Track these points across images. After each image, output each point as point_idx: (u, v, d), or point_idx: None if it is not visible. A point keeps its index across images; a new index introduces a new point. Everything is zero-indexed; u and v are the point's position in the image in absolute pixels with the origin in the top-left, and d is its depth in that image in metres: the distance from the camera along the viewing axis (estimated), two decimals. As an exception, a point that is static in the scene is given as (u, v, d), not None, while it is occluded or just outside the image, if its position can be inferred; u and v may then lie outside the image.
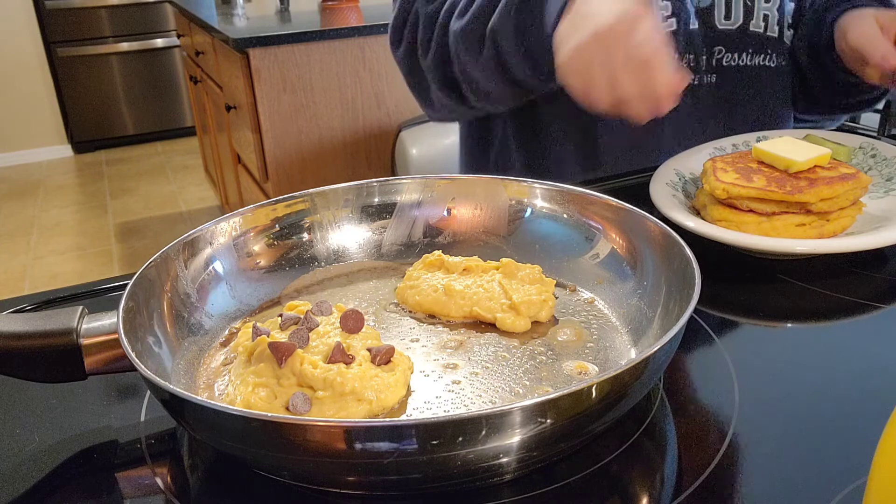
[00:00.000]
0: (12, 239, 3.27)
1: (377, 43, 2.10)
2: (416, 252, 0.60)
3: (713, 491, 0.38)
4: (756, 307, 0.56)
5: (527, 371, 0.46)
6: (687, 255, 0.46)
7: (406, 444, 0.33)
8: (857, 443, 0.41)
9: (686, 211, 0.64)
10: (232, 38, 1.98)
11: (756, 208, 0.61)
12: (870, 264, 0.61)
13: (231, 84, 2.26)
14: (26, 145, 4.26)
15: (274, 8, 2.68)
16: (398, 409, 0.43)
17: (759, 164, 0.65)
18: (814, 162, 0.63)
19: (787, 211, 0.61)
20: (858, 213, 0.63)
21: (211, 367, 0.48)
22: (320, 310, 0.47)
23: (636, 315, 0.50)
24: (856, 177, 0.62)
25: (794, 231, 0.61)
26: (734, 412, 0.43)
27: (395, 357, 0.44)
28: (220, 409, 0.35)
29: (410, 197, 0.61)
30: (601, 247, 0.55)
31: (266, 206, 0.58)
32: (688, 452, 0.41)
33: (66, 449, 0.43)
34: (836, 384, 0.46)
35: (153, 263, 0.48)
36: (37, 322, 0.43)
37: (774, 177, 0.62)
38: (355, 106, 2.15)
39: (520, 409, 0.33)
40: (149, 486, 0.40)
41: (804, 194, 0.60)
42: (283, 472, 0.38)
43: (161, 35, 4.23)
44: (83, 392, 0.48)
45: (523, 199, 0.60)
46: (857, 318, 0.54)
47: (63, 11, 4.04)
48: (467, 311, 0.51)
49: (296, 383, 0.42)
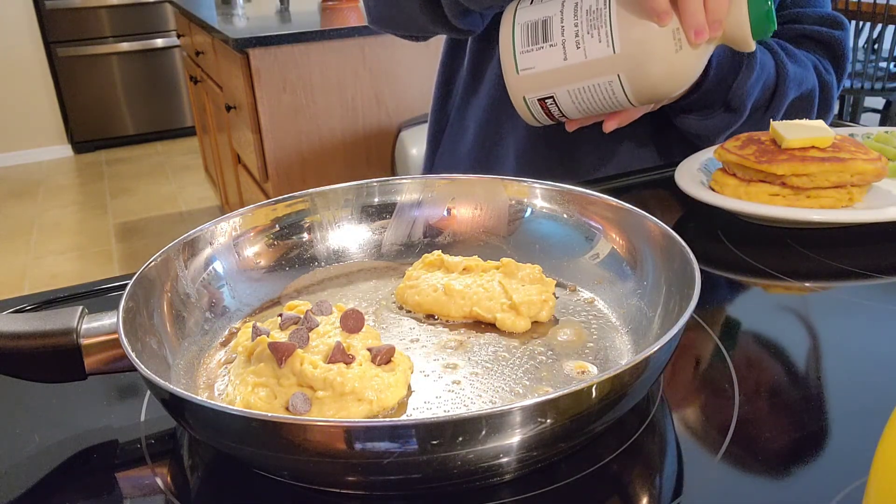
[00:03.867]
0: (12, 239, 3.27)
1: (377, 43, 2.10)
2: (416, 252, 0.60)
3: (713, 491, 0.38)
4: (756, 307, 0.56)
5: (527, 371, 0.46)
6: (687, 255, 0.46)
7: (406, 444, 0.33)
8: (857, 443, 0.41)
9: (699, 181, 0.71)
10: (232, 38, 1.98)
11: (738, 173, 0.67)
12: (872, 266, 0.61)
13: (231, 84, 2.27)
14: (26, 145, 4.26)
15: (274, 8, 2.68)
16: (398, 409, 0.43)
17: (769, 140, 0.68)
18: (810, 142, 0.65)
19: (764, 180, 0.66)
20: (849, 197, 0.64)
21: (211, 367, 0.48)
22: (320, 310, 0.47)
23: (636, 315, 0.50)
24: (842, 161, 0.63)
25: (767, 199, 0.65)
26: (734, 412, 0.43)
27: (396, 357, 0.44)
28: (220, 409, 0.35)
29: (410, 197, 0.61)
30: (601, 247, 0.55)
31: (266, 206, 0.58)
32: (688, 452, 0.41)
33: (66, 449, 0.43)
34: (836, 384, 0.46)
35: (153, 263, 0.48)
36: (37, 322, 0.43)
37: (765, 149, 0.66)
38: (355, 106, 2.15)
39: (520, 409, 0.33)
40: (149, 486, 0.40)
41: (772, 166, 0.64)
42: (283, 472, 0.38)
43: (161, 35, 4.23)
44: (83, 392, 0.48)
45: (523, 199, 0.60)
46: (858, 318, 0.54)
47: (63, 11, 4.04)
48: (467, 311, 0.51)
49: (296, 383, 0.42)
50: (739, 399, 0.45)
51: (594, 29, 0.61)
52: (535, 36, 0.64)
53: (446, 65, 0.97)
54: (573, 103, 0.65)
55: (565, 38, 0.62)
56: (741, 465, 0.39)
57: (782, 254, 0.63)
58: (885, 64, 2.92)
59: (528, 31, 0.64)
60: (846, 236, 0.65)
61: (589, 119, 0.69)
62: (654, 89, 0.63)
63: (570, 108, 0.66)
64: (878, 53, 2.87)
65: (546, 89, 0.65)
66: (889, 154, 0.71)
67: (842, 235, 0.65)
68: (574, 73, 0.63)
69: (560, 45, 0.63)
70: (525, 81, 0.65)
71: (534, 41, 0.64)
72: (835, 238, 0.65)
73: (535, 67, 0.64)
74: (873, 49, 2.87)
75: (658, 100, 0.67)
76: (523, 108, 0.67)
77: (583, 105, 0.65)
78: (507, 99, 0.67)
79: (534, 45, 0.64)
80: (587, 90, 0.63)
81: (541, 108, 0.66)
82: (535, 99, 0.66)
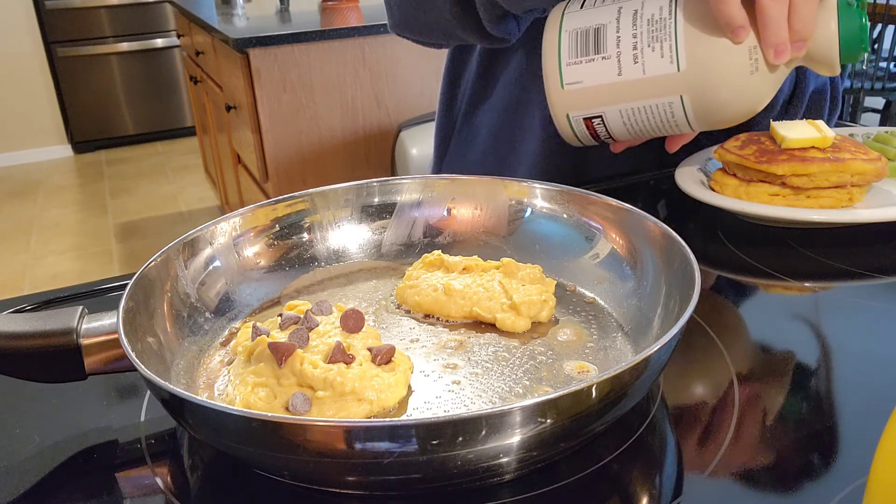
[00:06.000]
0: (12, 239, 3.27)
1: (377, 43, 2.11)
2: (416, 252, 0.60)
3: (713, 491, 0.38)
4: (756, 307, 0.56)
5: (527, 371, 0.46)
6: (687, 255, 0.46)
7: (406, 444, 0.33)
8: (858, 443, 0.41)
9: (699, 181, 0.70)
10: (232, 38, 1.99)
11: (738, 173, 0.67)
12: (872, 266, 0.61)
13: (231, 84, 2.27)
14: (26, 145, 4.26)
15: (274, 8, 2.68)
16: (398, 409, 0.43)
17: (769, 139, 0.68)
18: (810, 142, 0.65)
19: (764, 180, 0.65)
20: (849, 197, 0.64)
21: (211, 367, 0.48)
22: (320, 309, 0.47)
23: (636, 315, 0.50)
24: (842, 161, 0.63)
25: (767, 199, 0.65)
26: (734, 412, 0.43)
27: (396, 357, 0.44)
28: (220, 409, 0.35)
29: (410, 197, 0.61)
30: (601, 247, 0.55)
31: (266, 206, 0.58)
32: (688, 452, 0.41)
33: (66, 449, 0.43)
34: (836, 384, 0.46)
35: (153, 263, 0.48)
36: (37, 322, 0.43)
37: (765, 149, 0.66)
38: (355, 106, 2.15)
39: (520, 409, 0.33)
40: (149, 486, 0.40)
41: (772, 166, 0.64)
42: (283, 472, 0.38)
43: (161, 35, 4.23)
44: (83, 392, 0.48)
45: (523, 199, 0.60)
46: (858, 318, 0.54)
47: (63, 11, 4.04)
48: (467, 311, 0.51)
49: (296, 383, 0.42)
50: (739, 399, 0.45)
51: (656, 42, 0.55)
52: (585, 46, 0.57)
53: (451, 66, 0.92)
54: (624, 125, 0.59)
55: (621, 51, 0.56)
56: (741, 465, 0.39)
57: (782, 254, 0.63)
58: (885, 64, 2.92)
59: (577, 39, 0.57)
60: (846, 236, 0.65)
61: (638, 140, 0.64)
62: (720, 114, 0.57)
63: (620, 129, 0.59)
64: (878, 53, 2.87)
65: (594, 107, 0.58)
66: (889, 154, 0.71)
67: (842, 235, 0.65)
68: (629, 91, 0.57)
69: (615, 57, 0.56)
70: (571, 97, 0.58)
71: (583, 52, 0.57)
72: (835, 238, 0.65)
73: (583, 82, 0.58)
74: (873, 49, 2.87)
75: (721, 126, 0.61)
76: (565, 126, 0.60)
77: (635, 127, 0.59)
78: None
79: (583, 56, 0.57)
80: (642, 111, 0.57)
81: (586, 128, 0.60)
82: (581, 118, 0.59)
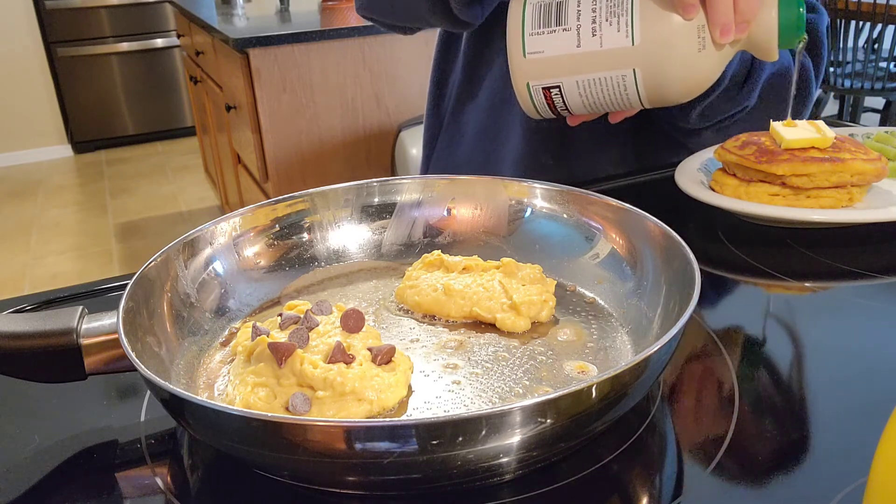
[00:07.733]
0: (12, 239, 3.27)
1: (377, 43, 2.11)
2: (416, 252, 0.60)
3: (713, 491, 0.38)
4: (756, 307, 0.56)
5: (527, 371, 0.46)
6: (687, 255, 0.46)
7: (406, 444, 0.33)
8: (858, 443, 0.41)
9: (699, 181, 0.71)
10: (232, 38, 1.98)
11: (738, 173, 0.67)
12: (872, 266, 0.61)
13: (231, 84, 2.27)
14: (26, 145, 4.26)
15: (274, 8, 2.68)
16: (398, 409, 0.43)
17: (769, 139, 0.68)
18: (810, 142, 0.65)
19: (764, 181, 0.66)
20: (849, 197, 0.64)
21: (211, 367, 0.48)
22: (320, 309, 0.47)
23: (636, 315, 0.50)
24: (842, 161, 0.63)
25: (767, 199, 0.65)
26: (734, 412, 0.43)
27: (396, 357, 0.44)
28: (220, 409, 0.35)
29: (410, 197, 0.61)
30: (601, 247, 0.55)
31: (266, 206, 0.58)
32: (688, 452, 0.41)
33: (66, 449, 0.43)
34: (836, 384, 0.46)
35: (153, 263, 0.48)
36: (37, 322, 0.43)
37: (765, 149, 0.66)
38: (355, 106, 2.15)
39: (520, 409, 0.33)
40: (149, 486, 0.40)
41: (772, 166, 0.64)
42: (283, 472, 0.38)
43: (161, 35, 4.23)
44: (83, 392, 0.48)
45: (523, 199, 0.60)
46: (858, 318, 0.54)
47: (63, 11, 4.04)
48: (467, 311, 0.51)
49: (296, 383, 0.42)
50: (739, 399, 0.45)
51: (614, 17, 0.58)
52: (548, 18, 0.60)
53: (439, 66, 0.95)
54: (580, 96, 0.62)
55: (581, 24, 0.59)
56: (741, 464, 0.39)
57: (782, 254, 0.63)
58: (885, 64, 2.92)
59: (540, 11, 0.61)
60: (846, 236, 0.65)
61: (591, 116, 0.67)
62: (668, 89, 0.61)
63: (576, 101, 0.63)
64: (878, 53, 2.87)
65: (553, 77, 0.62)
66: (889, 154, 0.71)
67: (842, 235, 0.65)
68: (586, 62, 0.60)
69: (574, 30, 0.60)
70: (531, 66, 0.61)
71: (546, 23, 0.60)
72: (835, 238, 0.65)
73: (544, 52, 0.61)
74: (873, 49, 2.87)
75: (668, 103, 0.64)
76: (525, 96, 0.64)
77: (589, 99, 0.62)
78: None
79: (545, 27, 0.60)
80: (597, 83, 0.61)
81: (544, 99, 0.63)
82: (540, 87, 0.62)
